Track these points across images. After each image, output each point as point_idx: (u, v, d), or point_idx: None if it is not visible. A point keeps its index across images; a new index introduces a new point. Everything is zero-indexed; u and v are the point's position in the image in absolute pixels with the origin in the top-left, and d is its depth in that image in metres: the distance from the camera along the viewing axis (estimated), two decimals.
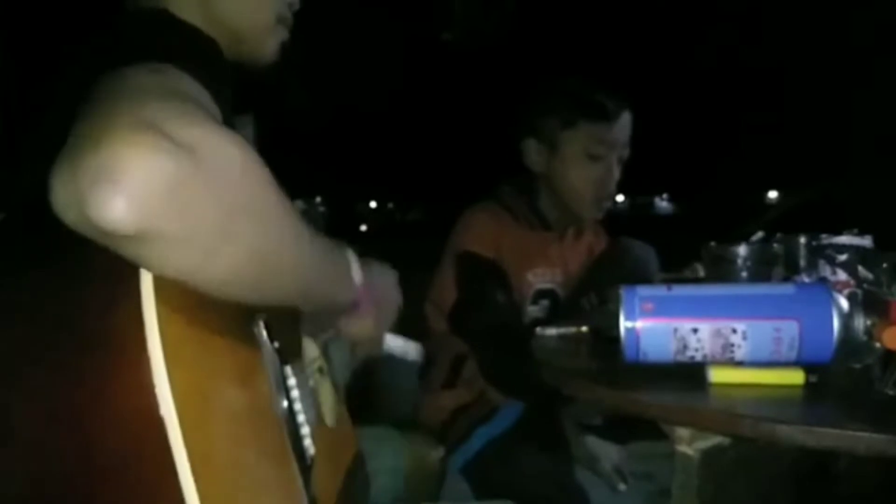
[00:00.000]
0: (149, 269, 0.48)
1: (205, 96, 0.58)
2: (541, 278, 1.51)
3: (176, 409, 0.47)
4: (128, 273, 0.49)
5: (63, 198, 0.45)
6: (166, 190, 0.45)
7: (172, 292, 0.50)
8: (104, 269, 0.49)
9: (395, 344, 0.98)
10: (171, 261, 0.48)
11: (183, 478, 0.47)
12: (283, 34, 0.89)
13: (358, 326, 0.87)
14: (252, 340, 0.67)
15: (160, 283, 0.50)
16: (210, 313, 0.56)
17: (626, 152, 1.50)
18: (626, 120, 1.48)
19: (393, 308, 0.95)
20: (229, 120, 0.64)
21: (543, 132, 1.50)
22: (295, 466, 0.69)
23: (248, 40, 0.86)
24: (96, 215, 0.44)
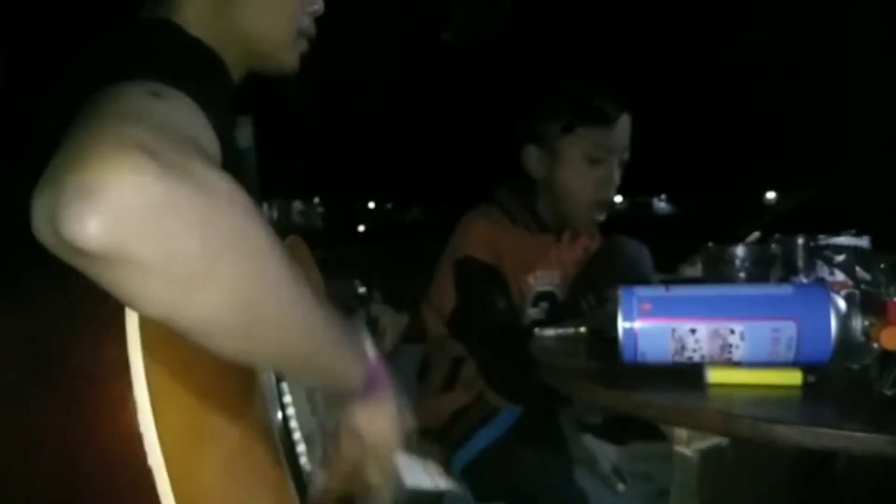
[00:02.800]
0: (124, 299, 0.46)
1: (201, 122, 0.56)
2: (541, 281, 1.51)
3: (164, 459, 0.46)
4: (115, 310, 0.47)
5: (39, 215, 0.43)
6: (145, 212, 0.43)
7: (160, 329, 0.48)
8: (90, 305, 0.48)
9: (415, 474, 0.76)
10: (145, 291, 0.45)
11: None
12: (303, 46, 0.87)
13: (376, 414, 0.71)
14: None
15: (147, 320, 0.48)
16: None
17: (626, 155, 1.49)
18: (625, 123, 1.47)
19: (408, 414, 0.76)
20: (227, 134, 0.62)
21: (543, 138, 1.49)
22: (292, 488, 0.68)
23: (269, 53, 0.84)
24: (69, 232, 0.41)
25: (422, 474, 0.76)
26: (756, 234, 1.06)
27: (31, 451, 0.49)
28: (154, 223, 0.43)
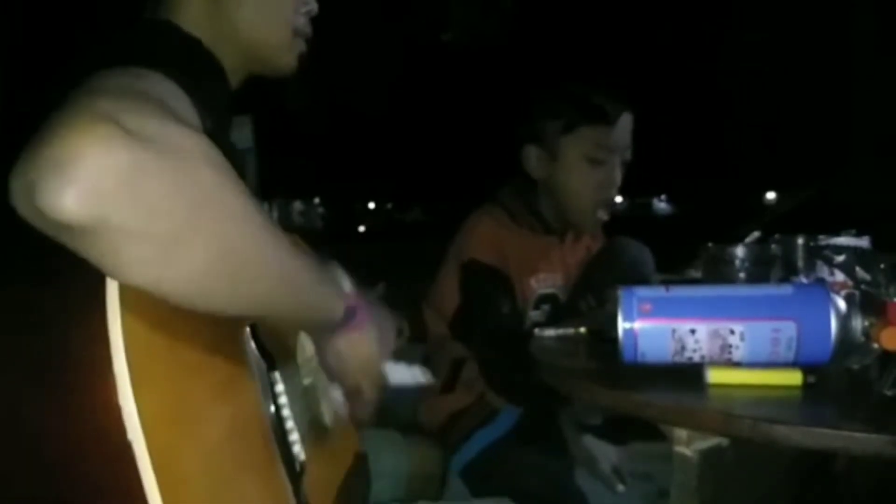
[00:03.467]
0: (106, 270, 0.47)
1: (183, 102, 0.56)
2: (543, 283, 1.50)
3: (144, 433, 0.46)
4: (94, 283, 0.48)
5: (17, 190, 0.44)
6: (119, 179, 0.44)
7: (142, 304, 0.48)
8: (70, 278, 0.48)
9: (399, 373, 0.86)
10: (127, 257, 0.46)
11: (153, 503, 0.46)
12: (301, 46, 0.88)
13: (358, 342, 0.76)
14: (236, 348, 0.66)
15: (128, 295, 0.48)
16: (186, 325, 0.54)
17: (628, 154, 1.48)
18: (626, 122, 1.46)
19: (391, 334, 0.85)
20: (219, 131, 0.62)
21: (543, 139, 1.48)
22: (283, 475, 0.68)
23: (266, 55, 0.85)
24: (45, 204, 0.42)
25: (404, 372, 0.86)
26: (756, 234, 1.06)
27: (9, 426, 0.49)
28: (128, 189, 0.44)
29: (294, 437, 0.74)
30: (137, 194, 0.45)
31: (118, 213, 0.44)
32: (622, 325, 0.80)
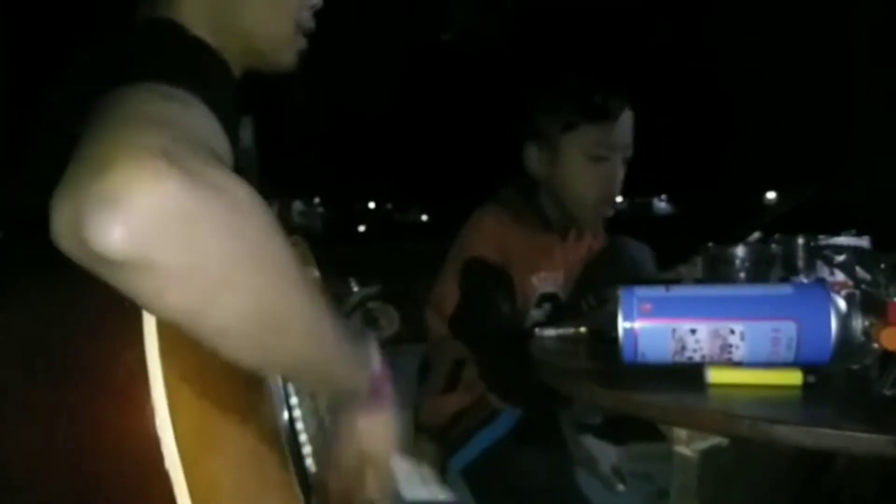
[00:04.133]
0: (142, 304, 0.47)
1: (213, 124, 0.56)
2: (545, 282, 1.50)
3: (181, 462, 0.46)
4: (131, 314, 0.47)
5: (61, 222, 0.43)
6: (170, 220, 0.43)
7: (179, 333, 0.48)
8: (107, 307, 0.48)
9: (415, 487, 0.77)
10: (165, 298, 0.46)
11: None
12: (301, 42, 0.87)
13: (375, 423, 0.72)
14: None
15: (166, 324, 0.48)
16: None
17: (629, 152, 1.47)
18: (627, 119, 1.45)
19: (405, 425, 0.79)
20: (232, 134, 0.62)
21: (544, 136, 1.47)
22: (297, 489, 0.68)
23: (267, 51, 0.84)
24: (93, 240, 0.42)
25: (418, 484, 0.77)
26: (756, 234, 1.06)
27: (48, 455, 0.49)
28: (178, 232, 0.44)
29: (307, 450, 0.74)
30: (185, 239, 0.44)
31: (163, 256, 0.44)
32: (622, 324, 0.80)
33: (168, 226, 0.43)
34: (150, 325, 0.48)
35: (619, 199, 1.54)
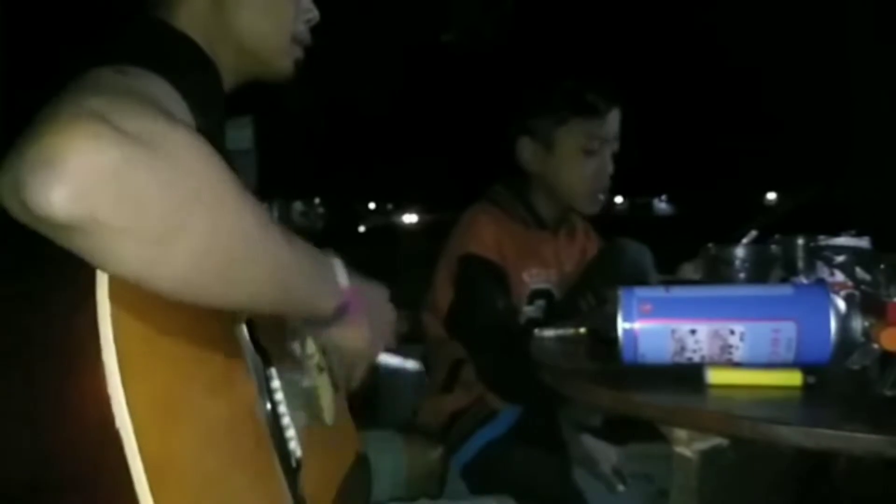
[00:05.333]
0: (97, 264, 0.47)
1: (174, 99, 0.57)
2: (536, 278, 1.51)
3: (132, 422, 0.46)
4: (84, 276, 0.48)
5: (5, 187, 0.44)
6: (108, 177, 0.44)
7: (133, 297, 0.49)
8: (62, 270, 0.48)
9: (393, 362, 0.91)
10: (118, 253, 0.46)
11: (140, 492, 0.46)
12: (298, 52, 0.88)
13: (350, 336, 0.79)
14: (233, 344, 0.66)
15: (119, 288, 0.48)
16: (179, 318, 0.54)
17: (616, 146, 1.53)
18: (616, 114, 1.51)
19: (387, 323, 0.87)
20: (211, 131, 0.63)
21: (538, 131, 1.52)
22: (279, 470, 0.68)
23: (264, 59, 0.85)
24: (34, 202, 0.42)
25: (393, 358, 0.86)
26: (754, 234, 1.06)
27: (4, 419, 0.49)
28: (117, 186, 0.44)
29: (290, 433, 0.74)
30: (127, 191, 0.45)
31: (107, 210, 0.44)
32: (622, 325, 0.80)
33: (106, 182, 0.44)
34: (102, 289, 0.48)
35: (618, 199, 1.56)
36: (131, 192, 0.45)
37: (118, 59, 0.58)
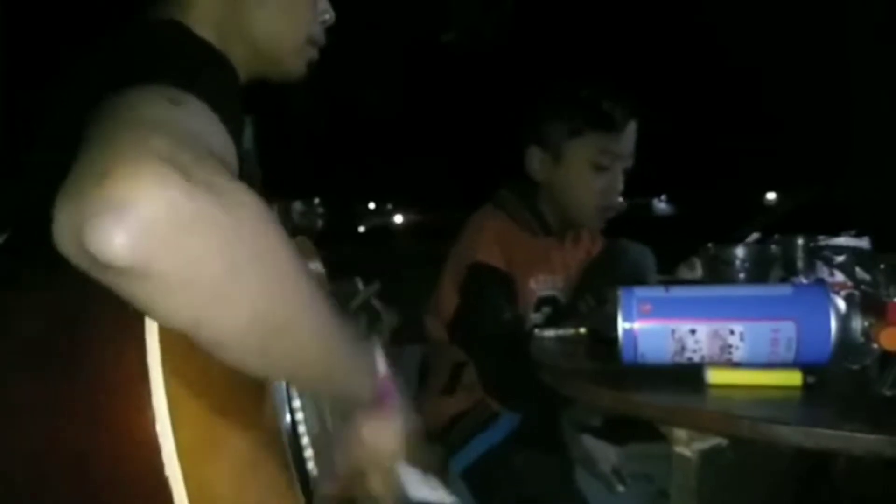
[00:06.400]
0: (145, 311, 0.46)
1: (219, 130, 0.55)
2: (543, 285, 1.49)
3: (181, 469, 0.46)
4: (134, 318, 0.47)
5: (63, 227, 0.43)
6: (172, 228, 0.43)
7: (180, 337, 0.48)
8: (110, 311, 0.47)
9: (419, 488, 0.77)
10: (167, 305, 0.45)
11: None
12: (312, 53, 0.87)
13: (378, 428, 0.72)
14: None
15: (165, 329, 0.48)
16: None
17: (630, 162, 1.47)
18: (632, 129, 1.45)
19: (412, 431, 0.77)
20: (237, 137, 0.62)
21: (548, 141, 1.46)
22: (299, 492, 0.68)
23: (277, 59, 0.84)
24: (94, 246, 0.41)
25: (424, 487, 0.77)
26: (754, 235, 1.06)
27: (48, 459, 0.48)
28: (181, 240, 0.43)
29: (308, 453, 0.74)
30: (188, 247, 0.44)
31: (165, 264, 0.43)
32: (622, 325, 0.80)
33: (169, 233, 0.43)
34: (152, 329, 0.47)
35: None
36: (192, 247, 0.44)
37: (159, 77, 0.56)
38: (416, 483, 0.76)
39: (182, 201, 0.43)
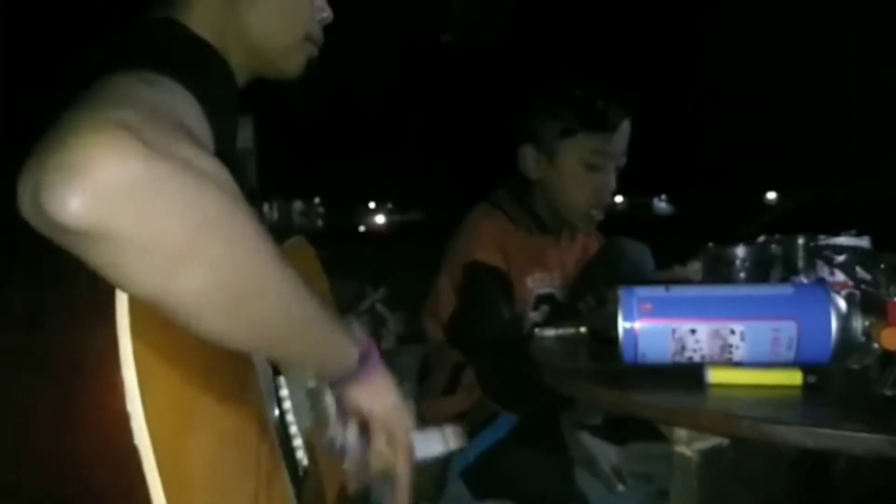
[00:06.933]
0: (109, 279, 0.46)
1: (195, 111, 0.56)
2: (540, 283, 1.49)
3: (150, 438, 0.46)
4: (105, 293, 0.48)
5: (23, 191, 0.43)
6: (130, 190, 0.43)
7: (150, 312, 0.48)
8: (82, 287, 0.48)
9: (426, 443, 0.77)
10: (128, 269, 0.46)
11: None
12: (311, 51, 0.87)
13: (378, 389, 0.72)
14: (242, 354, 0.66)
15: (136, 304, 0.48)
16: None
17: (623, 161, 1.47)
18: (625, 128, 1.45)
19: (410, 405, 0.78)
20: (228, 133, 0.62)
21: (541, 139, 1.46)
22: (287, 480, 0.68)
23: (275, 58, 0.84)
24: (51, 207, 0.42)
25: (434, 442, 0.77)
26: (761, 238, 1.06)
27: (20, 429, 0.50)
28: (137, 202, 0.44)
29: (297, 442, 0.74)
30: (147, 207, 0.44)
31: (121, 225, 0.43)
32: (622, 325, 0.80)
33: (127, 197, 0.43)
34: (122, 303, 0.48)
35: (618, 198, 1.54)
36: (151, 210, 0.44)
37: (139, 63, 0.57)
38: (426, 440, 0.76)
39: (140, 166, 0.43)
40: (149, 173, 0.44)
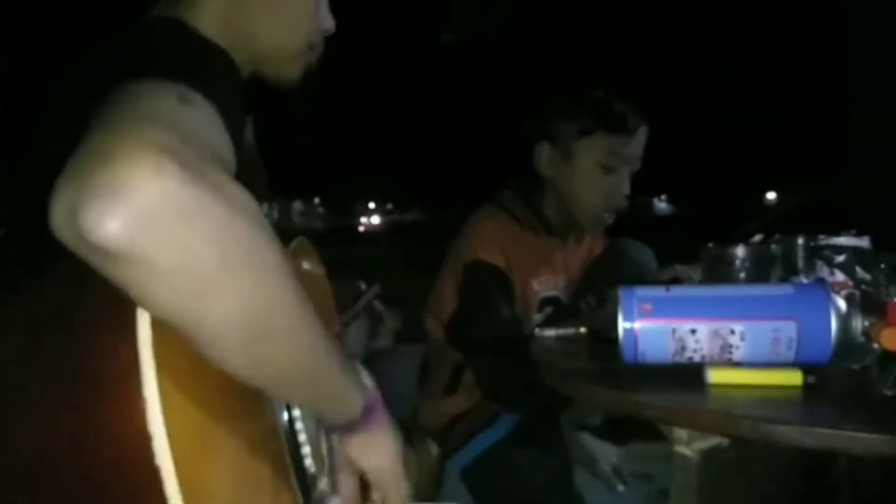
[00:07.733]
0: (133, 298, 0.46)
1: (221, 131, 0.56)
2: (545, 286, 1.49)
3: (172, 458, 0.46)
4: (127, 310, 0.48)
5: (59, 210, 0.43)
6: (166, 216, 0.43)
7: (171, 330, 0.48)
8: (104, 303, 0.48)
9: None
10: (156, 293, 0.45)
11: None
12: (310, 58, 0.88)
13: (376, 444, 0.71)
14: None
15: (158, 322, 0.48)
16: None
17: (637, 165, 1.47)
18: (643, 134, 1.45)
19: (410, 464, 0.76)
20: (239, 136, 0.62)
21: (558, 138, 1.46)
22: (296, 490, 0.68)
23: (275, 63, 0.85)
24: (88, 230, 0.41)
25: None
26: (760, 238, 1.06)
27: (41, 449, 0.49)
28: (174, 229, 0.44)
29: (306, 450, 0.74)
30: (181, 237, 0.44)
31: (156, 251, 0.43)
32: (622, 325, 0.80)
33: (164, 221, 0.43)
34: (143, 321, 0.48)
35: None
36: (185, 238, 0.44)
37: (168, 73, 0.56)
38: None
39: (179, 191, 0.43)
40: (187, 200, 0.44)
